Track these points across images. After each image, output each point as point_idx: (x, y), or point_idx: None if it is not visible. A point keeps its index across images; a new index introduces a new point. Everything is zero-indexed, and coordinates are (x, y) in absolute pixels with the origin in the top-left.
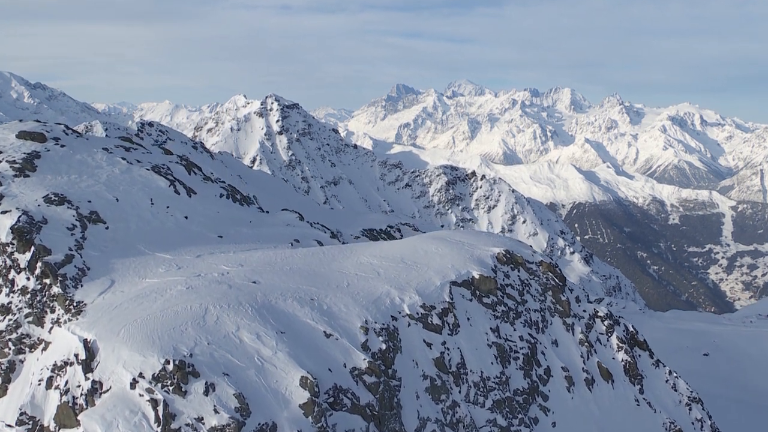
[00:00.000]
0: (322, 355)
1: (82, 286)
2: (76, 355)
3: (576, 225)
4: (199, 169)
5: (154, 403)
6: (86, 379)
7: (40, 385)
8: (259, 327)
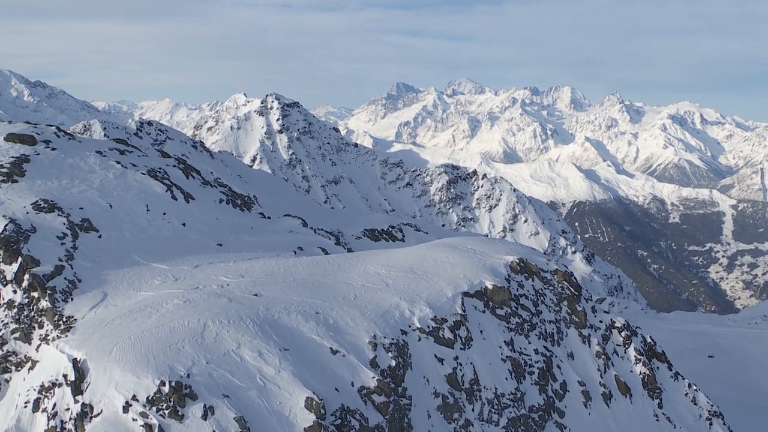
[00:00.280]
0: (329, 373)
1: (72, 299)
2: (65, 376)
3: (576, 224)
4: (198, 172)
5: (149, 428)
6: (75, 401)
7: (26, 407)
8: (262, 344)
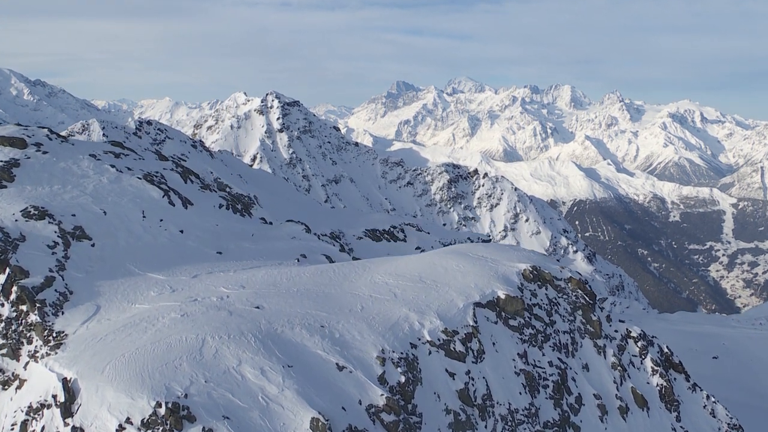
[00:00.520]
0: (335, 391)
1: (63, 313)
2: (54, 397)
3: (576, 222)
4: (197, 176)
5: None
6: (65, 424)
7: (13, 429)
8: (264, 360)
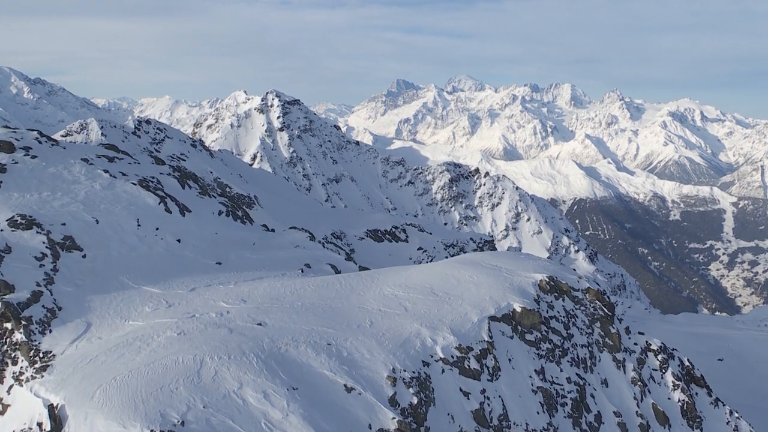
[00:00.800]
0: (343, 414)
1: (50, 331)
2: (40, 425)
3: (577, 221)
4: (195, 180)
5: None
6: None
7: None
8: (267, 383)
